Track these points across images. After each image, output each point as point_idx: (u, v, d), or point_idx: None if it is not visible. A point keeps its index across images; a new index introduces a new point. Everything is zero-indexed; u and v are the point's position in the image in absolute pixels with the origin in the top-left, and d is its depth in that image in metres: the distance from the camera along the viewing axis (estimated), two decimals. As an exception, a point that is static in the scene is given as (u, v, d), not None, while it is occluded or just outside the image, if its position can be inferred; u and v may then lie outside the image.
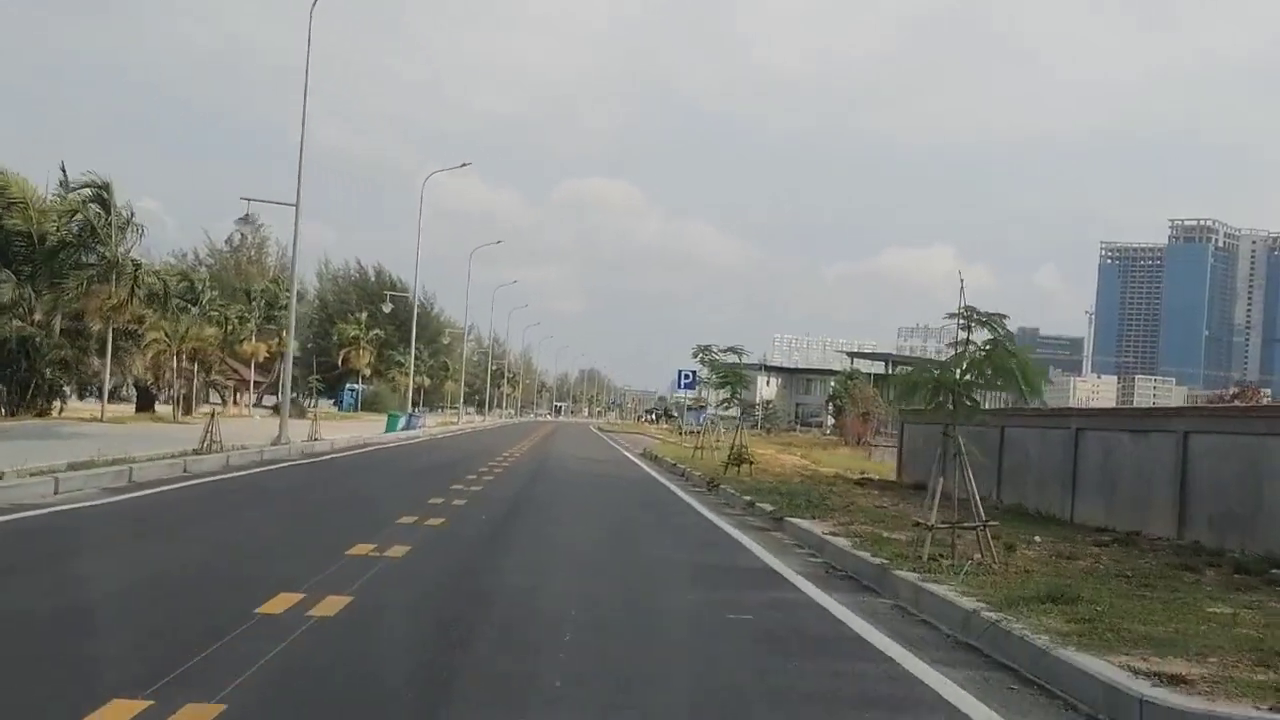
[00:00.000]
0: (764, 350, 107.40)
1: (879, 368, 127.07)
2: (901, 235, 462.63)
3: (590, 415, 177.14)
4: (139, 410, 49.90)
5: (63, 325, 38.86)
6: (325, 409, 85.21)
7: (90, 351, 39.99)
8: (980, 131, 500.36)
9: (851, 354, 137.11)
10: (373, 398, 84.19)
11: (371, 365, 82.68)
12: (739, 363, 24.83)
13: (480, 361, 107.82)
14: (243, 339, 60.49)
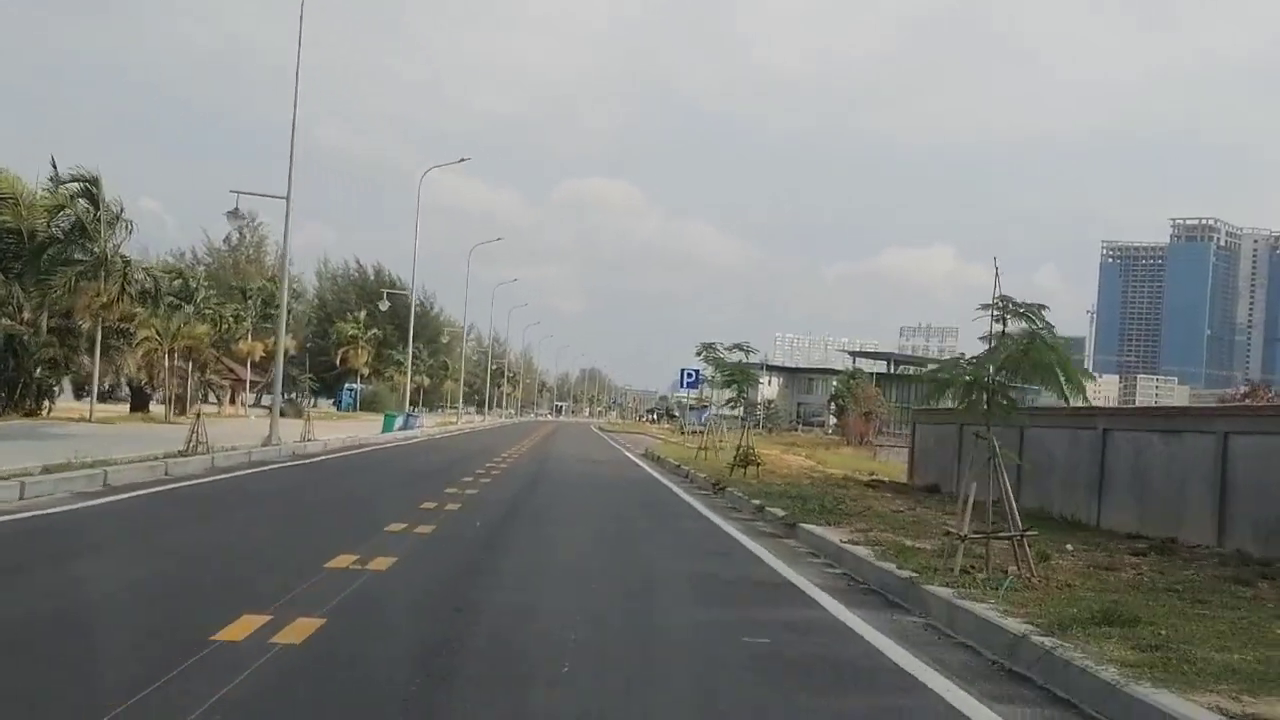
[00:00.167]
0: (765, 349, 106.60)
1: (881, 367, 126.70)
2: (901, 235, 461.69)
3: (591, 415, 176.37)
4: (133, 410, 49.08)
5: (53, 324, 38.09)
6: (324, 409, 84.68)
7: (80, 350, 39.20)
8: (980, 131, 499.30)
9: (853, 353, 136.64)
10: (371, 397, 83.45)
11: (370, 365, 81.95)
12: (746, 361, 24.03)
13: (480, 361, 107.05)
14: (239, 338, 59.76)
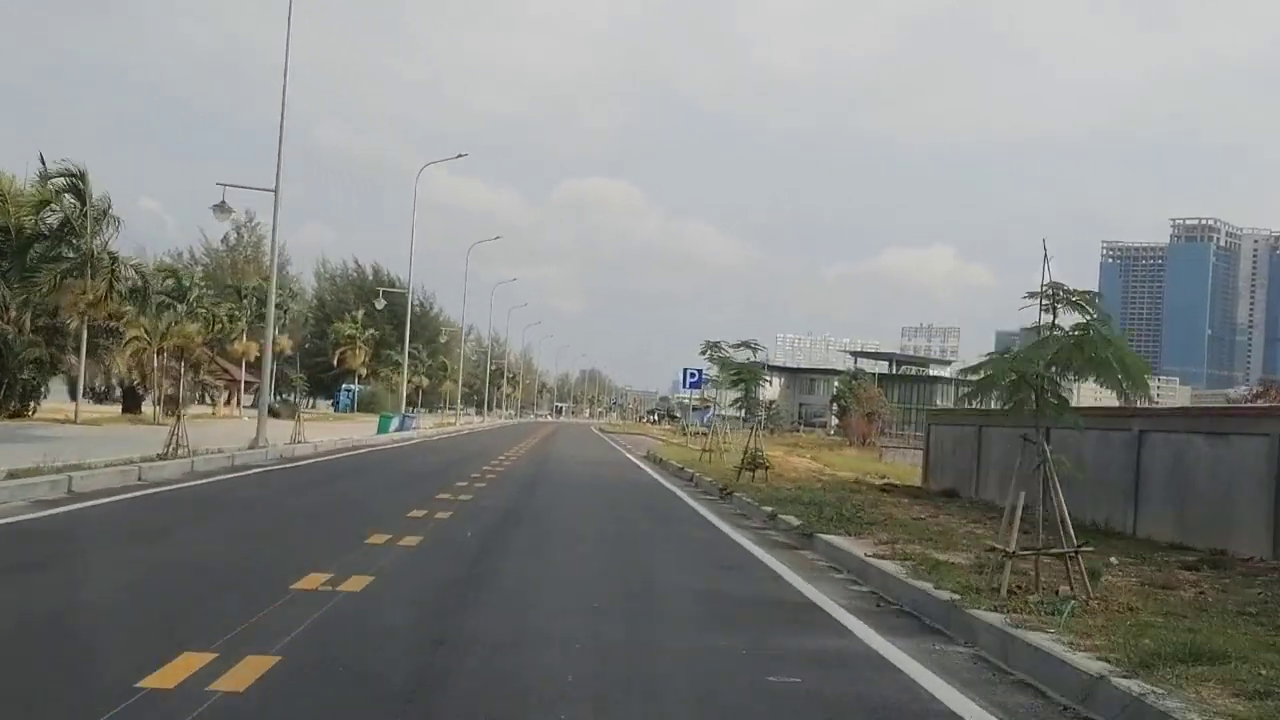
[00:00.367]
0: (767, 349, 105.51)
1: (883, 367, 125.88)
2: (901, 235, 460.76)
3: (591, 416, 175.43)
4: (125, 411, 48.14)
5: (41, 323, 37.16)
6: (322, 410, 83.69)
7: (68, 350, 38.25)
8: (980, 131, 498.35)
9: (855, 353, 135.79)
10: (369, 398, 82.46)
11: (367, 365, 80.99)
12: (753, 360, 23.04)
13: (480, 362, 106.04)
14: (234, 338, 58.78)
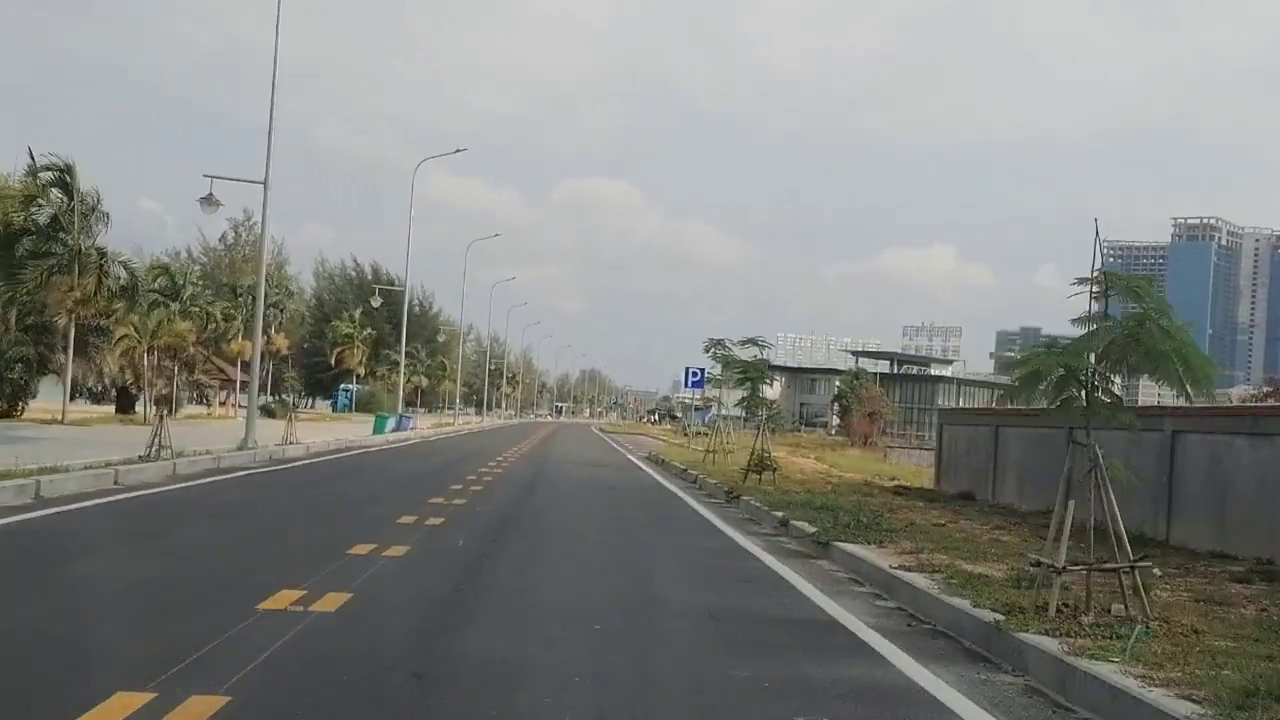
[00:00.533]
0: (773, 345, 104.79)
1: (884, 367, 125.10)
2: (901, 235, 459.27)
3: (591, 416, 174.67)
4: (118, 411, 47.30)
5: (30, 321, 36.35)
6: (320, 410, 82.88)
7: (58, 348, 37.43)
8: (980, 131, 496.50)
9: (856, 353, 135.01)
10: (367, 398, 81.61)
11: (365, 364, 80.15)
12: (760, 357, 22.20)
13: (480, 361, 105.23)
14: (230, 338, 57.99)
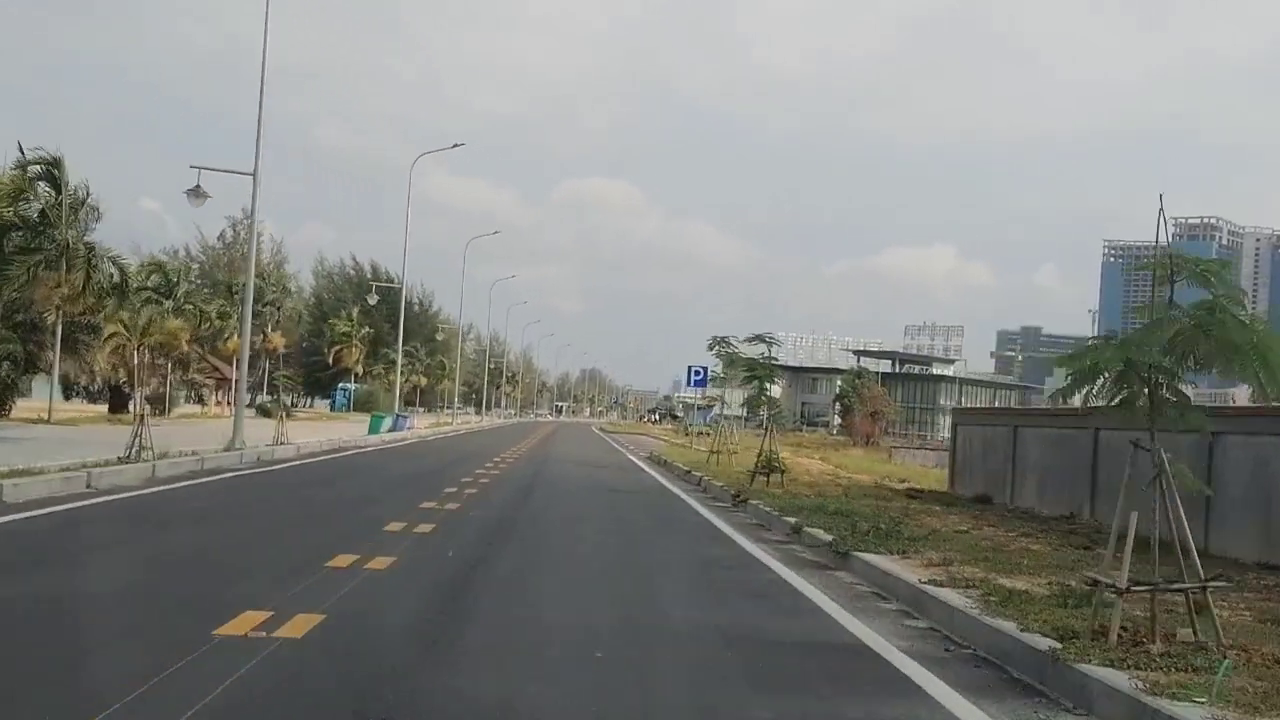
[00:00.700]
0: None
1: (885, 366, 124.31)
2: (902, 235, 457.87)
3: (591, 415, 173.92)
4: (112, 411, 46.47)
5: (20, 318, 35.57)
6: (319, 409, 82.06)
7: (47, 346, 36.61)
8: (980, 131, 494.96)
9: (857, 352, 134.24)
10: (366, 397, 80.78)
11: (363, 363, 79.41)
12: (768, 355, 21.34)
13: (479, 360, 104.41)
14: (227, 337, 57.23)
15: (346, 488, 17.42)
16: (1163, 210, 6.32)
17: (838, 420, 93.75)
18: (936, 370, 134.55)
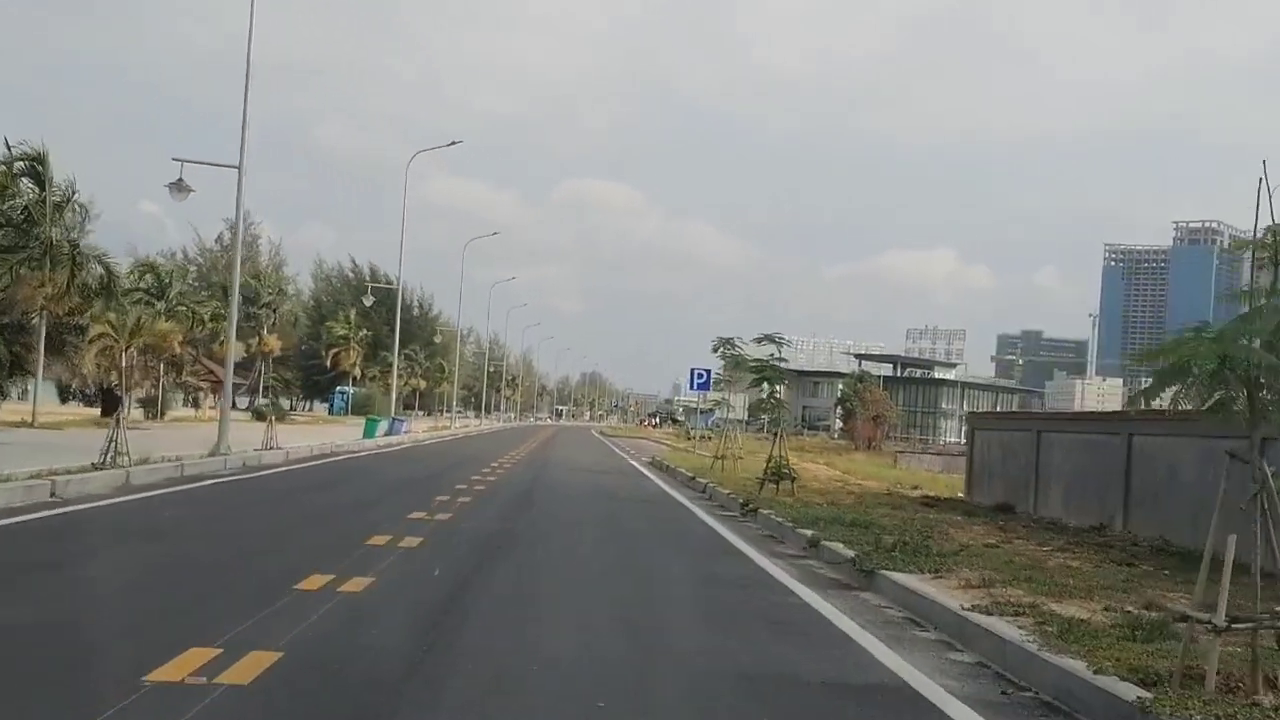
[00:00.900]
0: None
1: (887, 369, 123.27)
2: (902, 235, 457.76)
3: (592, 419, 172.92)
4: (104, 414, 45.56)
5: (6, 320, 34.67)
6: (317, 413, 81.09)
7: (34, 348, 35.68)
8: (980, 131, 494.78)
9: (859, 355, 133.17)
10: (364, 400, 79.80)
11: (361, 366, 78.45)
12: (777, 355, 20.32)
13: (478, 363, 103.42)
14: (222, 340, 56.31)
15: (333, 496, 16.47)
16: (1265, 179, 5.39)
17: (839, 424, 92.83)
18: (938, 374, 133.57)
